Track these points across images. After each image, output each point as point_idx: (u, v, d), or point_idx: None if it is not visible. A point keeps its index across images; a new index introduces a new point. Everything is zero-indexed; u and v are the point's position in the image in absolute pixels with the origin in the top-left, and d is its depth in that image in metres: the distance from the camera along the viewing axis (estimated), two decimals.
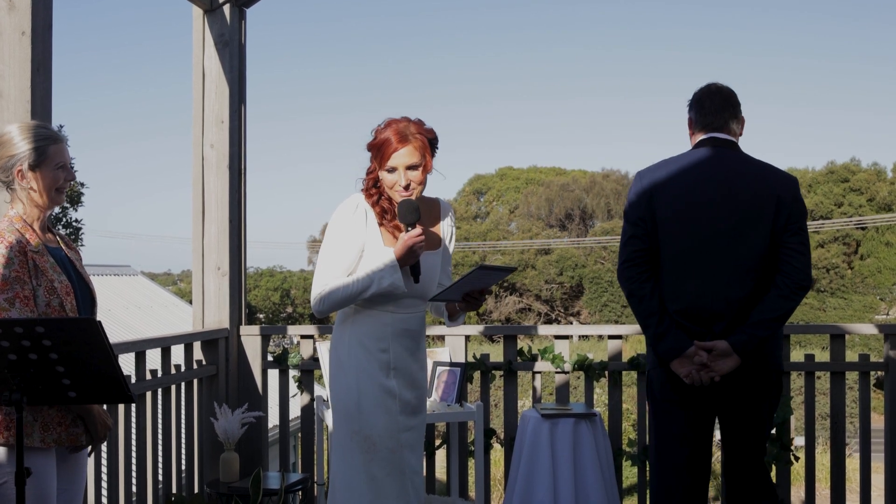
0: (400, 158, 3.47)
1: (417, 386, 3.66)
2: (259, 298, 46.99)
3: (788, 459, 5.30)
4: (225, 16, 5.66)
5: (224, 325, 5.65)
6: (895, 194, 42.37)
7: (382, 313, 3.55)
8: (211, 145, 5.67)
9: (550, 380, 6.12)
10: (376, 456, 3.51)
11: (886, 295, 43.27)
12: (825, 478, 8.12)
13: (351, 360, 3.55)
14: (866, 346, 28.52)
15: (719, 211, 3.69)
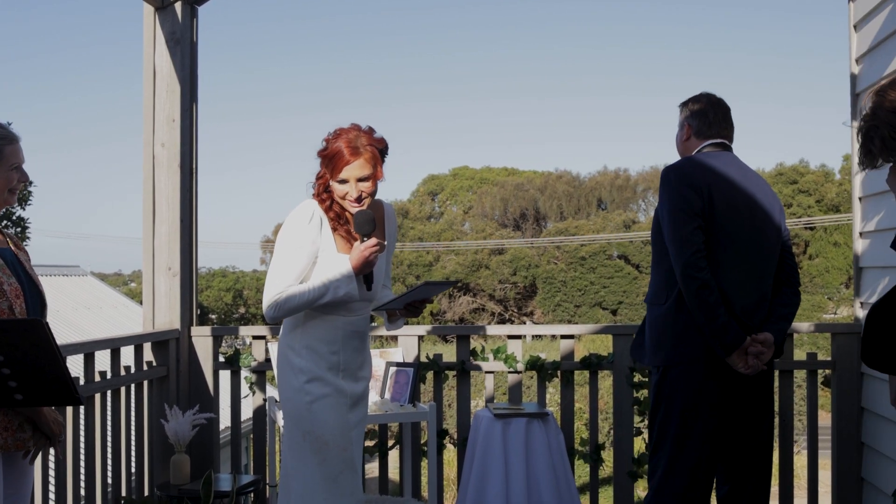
0: (352, 171, 3.51)
1: (362, 378, 3.74)
2: (211, 299, 46.62)
3: None
4: (176, 13, 5.60)
5: (175, 326, 5.60)
6: (843, 195, 43.00)
7: (334, 317, 3.61)
8: (162, 144, 5.62)
9: (503, 380, 6.14)
10: (329, 455, 3.55)
11: (834, 294, 43.93)
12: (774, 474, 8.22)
13: (302, 363, 3.59)
14: (814, 345, 28.91)
15: (753, 210, 3.87)
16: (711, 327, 3.68)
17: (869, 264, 5.18)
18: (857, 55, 5.35)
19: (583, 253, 45.39)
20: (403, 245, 47.66)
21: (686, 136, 4.01)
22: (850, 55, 5.44)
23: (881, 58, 4.98)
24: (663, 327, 3.86)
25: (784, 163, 48.41)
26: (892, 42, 4.74)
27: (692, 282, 3.68)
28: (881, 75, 4.93)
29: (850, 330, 5.36)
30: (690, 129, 4.01)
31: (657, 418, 3.90)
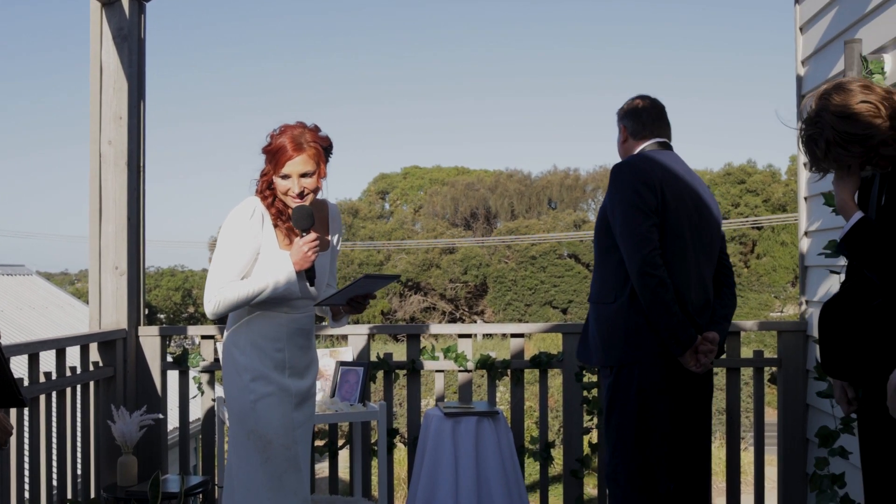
0: (294, 166, 3.54)
1: (308, 376, 3.75)
2: (160, 298, 46.17)
3: None
4: (124, 9, 5.53)
5: (122, 326, 5.53)
6: (789, 195, 43.59)
7: (277, 314, 3.62)
8: (109, 142, 5.54)
9: (454, 378, 6.14)
10: (273, 454, 3.55)
11: (781, 293, 44.53)
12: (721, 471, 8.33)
13: (246, 361, 3.59)
14: (761, 343, 29.29)
15: (700, 209, 3.91)
16: (667, 326, 3.68)
17: (814, 263, 5.25)
18: (803, 57, 5.43)
19: (533, 252, 45.57)
20: (354, 244, 47.55)
21: (624, 138, 4.07)
22: (797, 57, 5.51)
23: (826, 60, 5.05)
24: (614, 326, 3.83)
25: (732, 163, 49.00)
26: (836, 45, 4.81)
27: (650, 280, 3.67)
28: (826, 77, 5.01)
29: (796, 328, 5.43)
30: (626, 130, 4.06)
31: (613, 420, 3.87)
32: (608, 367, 3.88)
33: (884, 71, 4.18)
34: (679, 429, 3.88)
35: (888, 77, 4.17)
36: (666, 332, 3.69)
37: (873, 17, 4.35)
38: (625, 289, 3.79)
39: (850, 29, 4.64)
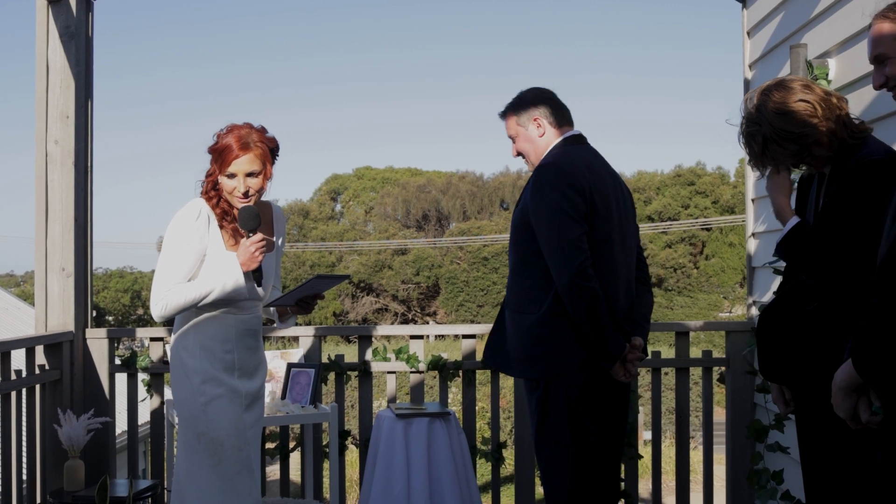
0: (240, 165, 3.53)
1: (257, 377, 3.74)
2: (108, 300, 45.60)
3: (634, 455, 5.47)
4: (71, 7, 5.45)
5: (69, 329, 5.46)
6: (738, 197, 44.15)
7: (226, 316, 3.61)
8: (55, 141, 5.47)
9: (406, 380, 6.15)
10: (225, 456, 3.53)
11: (729, 293, 45.09)
12: (671, 470, 8.42)
13: (195, 363, 3.57)
14: (710, 343, 29.65)
15: (621, 210, 3.77)
16: (599, 339, 3.54)
17: (761, 264, 5.33)
18: (751, 61, 5.51)
19: (485, 253, 45.66)
20: (306, 245, 47.33)
21: (542, 133, 3.78)
22: (744, 61, 5.59)
23: (772, 64, 5.13)
24: (539, 338, 3.65)
25: (682, 165, 49.54)
26: (782, 49, 4.88)
27: (583, 292, 3.49)
28: None
29: (744, 328, 5.50)
30: (540, 122, 3.78)
31: (546, 434, 3.73)
32: (535, 379, 3.72)
33: (828, 76, 4.25)
34: (605, 438, 3.77)
35: (833, 82, 4.24)
36: (598, 344, 3.55)
37: (818, 22, 4.43)
38: (547, 297, 3.62)
39: (795, 34, 4.71)
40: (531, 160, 3.83)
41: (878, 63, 2.43)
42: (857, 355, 2.36)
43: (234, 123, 3.62)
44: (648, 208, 47.98)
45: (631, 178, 50.92)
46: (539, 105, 3.79)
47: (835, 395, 2.47)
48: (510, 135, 3.87)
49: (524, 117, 3.80)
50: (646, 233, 45.62)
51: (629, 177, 51.16)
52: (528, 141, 3.81)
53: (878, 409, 2.38)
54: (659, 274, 44.56)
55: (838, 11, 4.19)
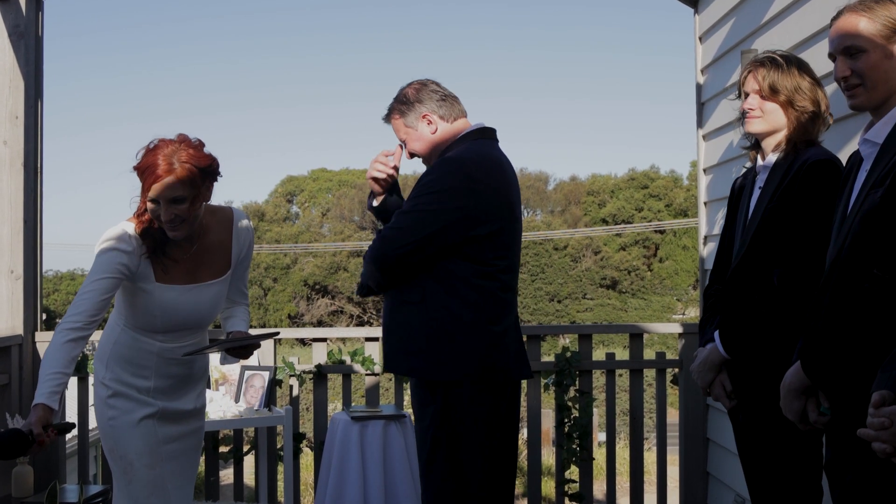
0: (163, 191, 3.05)
1: (185, 399, 3.40)
2: (59, 303, 44.99)
3: (588, 457, 5.50)
4: (20, 6, 5.38)
5: (17, 332, 5.37)
6: (690, 200, 44.61)
7: (150, 340, 3.28)
8: (4, 142, 5.39)
9: (361, 382, 6.13)
10: (135, 476, 3.24)
11: (683, 296, 45.52)
12: (625, 471, 8.47)
13: (107, 376, 3.29)
14: (664, 345, 29.90)
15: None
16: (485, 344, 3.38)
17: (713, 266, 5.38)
18: (703, 66, 5.56)
19: None
20: (260, 247, 47.05)
21: (434, 129, 3.43)
22: (696, 65, 5.64)
23: (724, 69, 5.18)
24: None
25: (636, 168, 49.95)
26: (734, 54, 4.94)
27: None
28: (724, 85, 5.14)
29: (697, 330, 5.55)
30: (430, 117, 3.44)
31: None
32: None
33: None
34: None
35: None
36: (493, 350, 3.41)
37: (769, 27, 4.48)
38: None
39: (746, 39, 4.77)
40: (428, 159, 3.50)
41: (847, 55, 2.47)
42: (806, 357, 2.39)
43: (163, 139, 3.13)
44: (603, 211, 48.33)
45: (585, 181, 51.24)
46: (425, 101, 3.45)
47: (784, 396, 2.50)
48: (400, 138, 3.51)
49: (411, 117, 3.46)
50: (600, 235, 45.93)
51: (583, 180, 51.49)
52: (420, 140, 3.47)
53: (826, 410, 2.41)
54: (613, 276, 44.90)
55: (790, 17, 4.24)
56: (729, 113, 4.91)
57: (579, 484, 5.51)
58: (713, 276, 3.31)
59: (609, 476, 5.61)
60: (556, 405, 5.52)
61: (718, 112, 5.28)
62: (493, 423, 3.34)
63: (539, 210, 50.13)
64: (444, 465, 3.31)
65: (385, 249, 3.30)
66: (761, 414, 2.93)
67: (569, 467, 5.53)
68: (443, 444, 3.30)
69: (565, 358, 5.49)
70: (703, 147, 5.60)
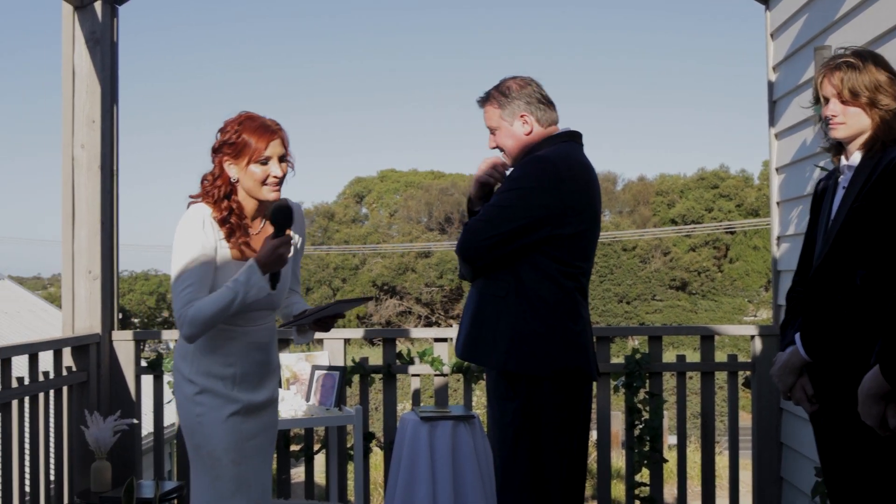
0: (276, 148, 3.28)
1: (264, 389, 3.46)
2: (134, 303, 45.88)
3: (660, 459, 5.45)
4: (96, 13, 5.51)
5: (95, 331, 5.50)
6: (762, 200, 43.92)
7: (231, 328, 3.33)
8: (81, 146, 5.52)
9: (430, 382, 6.15)
10: (222, 473, 3.29)
11: (754, 297, 44.83)
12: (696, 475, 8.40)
13: (192, 373, 3.34)
14: (735, 347, 29.46)
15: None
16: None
17: (787, 268, 5.30)
18: (774, 63, 5.48)
19: None
20: (329, 248, 47.44)
21: (528, 130, 3.48)
22: (768, 63, 5.56)
23: (796, 66, 5.10)
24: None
25: (705, 168, 49.31)
26: (807, 51, 4.86)
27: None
28: (797, 83, 5.06)
29: (770, 332, 5.47)
30: (527, 119, 3.47)
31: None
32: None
33: None
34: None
35: None
36: (575, 352, 3.48)
37: (842, 23, 4.40)
38: None
39: (819, 35, 4.69)
40: (514, 157, 3.52)
41: None
42: (885, 361, 2.34)
43: (242, 112, 3.36)
44: (672, 211, 47.81)
45: (654, 181, 50.75)
46: (526, 100, 3.48)
47: (862, 401, 2.44)
48: (490, 126, 3.53)
49: (509, 111, 3.48)
50: (669, 236, 45.46)
51: (651, 180, 51.02)
52: (512, 137, 3.50)
53: None
54: (683, 277, 44.39)
55: (864, 12, 4.16)
56: (802, 111, 4.84)
57: (650, 487, 5.46)
58: (796, 278, 3.24)
59: (680, 480, 5.55)
60: (625, 407, 5.49)
61: (791, 110, 5.20)
62: (571, 422, 3.37)
63: (607, 211, 49.78)
64: (526, 463, 3.34)
65: (470, 241, 3.39)
66: (843, 418, 2.86)
67: (639, 470, 5.48)
68: (525, 441, 3.33)
69: (635, 360, 5.45)
70: (775, 146, 5.52)
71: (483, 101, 3.56)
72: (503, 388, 3.38)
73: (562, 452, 3.36)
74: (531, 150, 3.45)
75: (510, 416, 3.35)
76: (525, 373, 3.32)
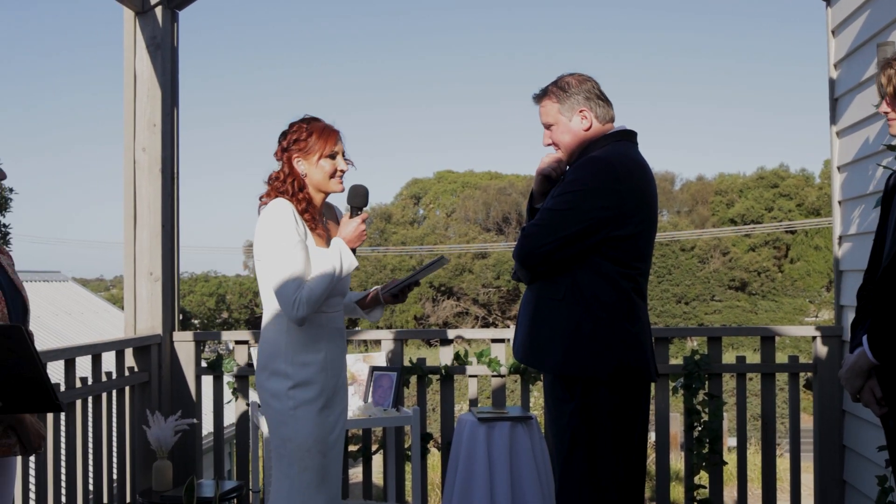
0: (340, 145, 3.61)
1: (343, 377, 3.72)
2: (193, 304, 46.43)
3: (719, 461, 5.39)
4: (157, 18, 5.59)
5: (157, 332, 5.58)
6: (823, 199, 43.21)
7: (316, 315, 3.54)
8: (143, 149, 5.60)
9: (487, 383, 6.15)
10: (310, 464, 3.50)
11: (815, 297, 44.13)
12: (757, 478, 8.29)
13: (285, 366, 3.52)
14: (796, 348, 29.03)
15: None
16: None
17: (849, 267, 5.21)
18: (836, 60, 5.39)
19: None
20: (386, 249, 47.64)
21: (587, 126, 3.43)
22: (829, 60, 5.48)
23: (858, 63, 5.01)
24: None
25: (765, 167, 48.62)
26: (869, 47, 4.78)
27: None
28: (859, 80, 4.97)
29: (832, 333, 5.39)
30: (586, 114, 3.43)
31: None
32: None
33: None
34: None
35: None
36: (641, 353, 3.48)
37: None
38: None
39: (882, 32, 4.60)
40: (570, 154, 3.47)
41: None
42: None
43: (305, 116, 3.68)
44: (731, 211, 47.24)
45: (713, 181, 50.20)
46: (585, 95, 3.44)
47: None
48: (546, 122, 3.48)
49: (567, 106, 3.43)
50: (728, 235, 44.93)
51: (710, 179, 50.46)
52: (570, 133, 3.45)
53: None
54: (742, 277, 43.84)
55: None
56: (864, 108, 4.75)
57: (709, 490, 5.40)
58: (866, 277, 3.16)
59: (740, 482, 5.49)
60: (684, 409, 5.44)
61: (853, 108, 5.11)
62: (629, 423, 3.35)
63: (665, 210, 49.33)
64: (583, 465, 3.32)
65: (528, 247, 3.37)
66: None
67: (698, 472, 5.43)
68: (582, 442, 3.31)
69: (694, 361, 5.40)
70: (836, 144, 5.43)
71: (540, 97, 3.51)
72: (560, 389, 3.37)
73: (619, 454, 3.33)
74: (587, 147, 3.42)
75: (567, 418, 3.34)
76: (582, 375, 3.30)
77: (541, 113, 3.51)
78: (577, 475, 3.34)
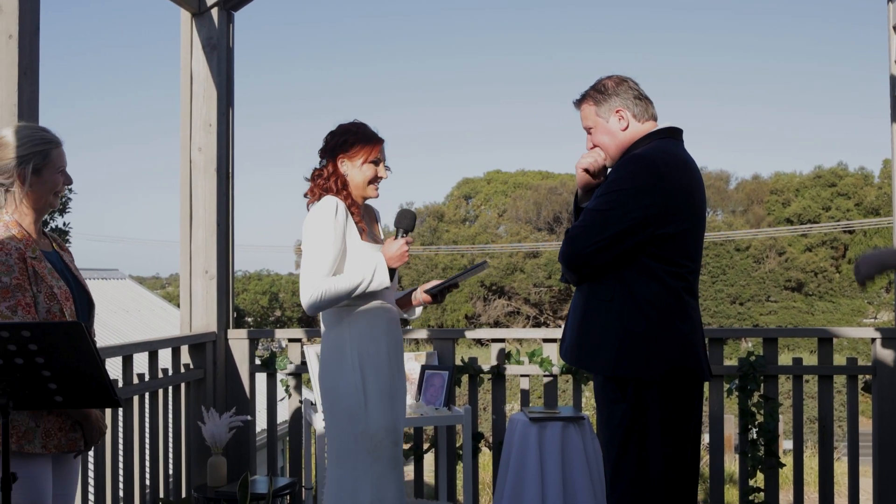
0: (383, 153, 3.79)
1: (402, 369, 3.85)
2: (247, 302, 46.83)
3: (776, 464, 5.32)
4: (213, 19, 5.65)
5: (212, 329, 5.64)
6: (882, 198, 42.47)
7: (376, 308, 3.69)
8: (199, 149, 5.66)
9: (539, 383, 6.13)
10: (382, 454, 3.61)
11: (874, 299, 43.39)
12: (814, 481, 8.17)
13: (354, 359, 3.63)
14: (854, 350, 28.59)
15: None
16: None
17: None
18: None
19: None
20: (438, 248, 47.69)
21: (625, 126, 3.42)
22: (890, 57, 5.38)
23: None
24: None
25: (822, 166, 47.90)
26: None
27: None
28: None
29: (892, 335, 5.29)
30: (623, 114, 3.43)
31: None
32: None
33: None
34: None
35: None
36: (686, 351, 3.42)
37: None
38: None
39: None
40: (611, 154, 3.47)
41: None
42: None
43: (353, 120, 3.83)
44: (787, 210, 46.62)
45: (768, 179, 49.57)
46: (622, 95, 3.44)
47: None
48: (587, 126, 3.51)
49: (605, 107, 3.44)
50: (784, 235, 44.34)
51: (766, 178, 49.83)
52: (608, 134, 3.45)
53: None
54: (799, 278, 43.25)
55: None
56: None
57: (764, 493, 5.33)
58: None
59: (796, 486, 5.41)
60: (739, 410, 5.37)
61: None
62: (681, 424, 3.31)
63: (720, 210, 48.81)
64: (634, 466, 3.29)
65: (572, 249, 3.34)
66: None
67: (753, 475, 5.36)
68: (633, 444, 3.28)
69: (749, 362, 5.33)
70: None
71: (579, 102, 3.54)
72: (611, 390, 3.34)
73: (670, 455, 3.30)
74: (629, 147, 3.41)
75: (618, 419, 3.31)
76: (633, 376, 3.27)
77: (581, 117, 3.54)
78: (627, 476, 3.31)
